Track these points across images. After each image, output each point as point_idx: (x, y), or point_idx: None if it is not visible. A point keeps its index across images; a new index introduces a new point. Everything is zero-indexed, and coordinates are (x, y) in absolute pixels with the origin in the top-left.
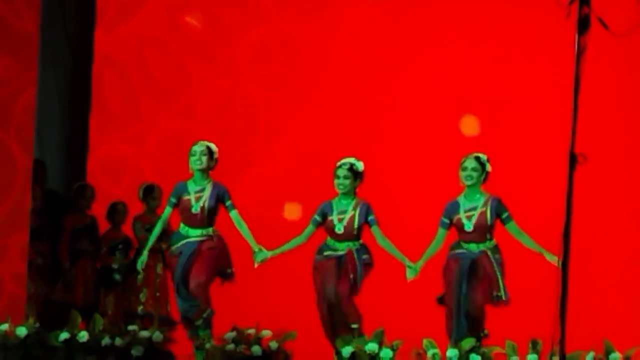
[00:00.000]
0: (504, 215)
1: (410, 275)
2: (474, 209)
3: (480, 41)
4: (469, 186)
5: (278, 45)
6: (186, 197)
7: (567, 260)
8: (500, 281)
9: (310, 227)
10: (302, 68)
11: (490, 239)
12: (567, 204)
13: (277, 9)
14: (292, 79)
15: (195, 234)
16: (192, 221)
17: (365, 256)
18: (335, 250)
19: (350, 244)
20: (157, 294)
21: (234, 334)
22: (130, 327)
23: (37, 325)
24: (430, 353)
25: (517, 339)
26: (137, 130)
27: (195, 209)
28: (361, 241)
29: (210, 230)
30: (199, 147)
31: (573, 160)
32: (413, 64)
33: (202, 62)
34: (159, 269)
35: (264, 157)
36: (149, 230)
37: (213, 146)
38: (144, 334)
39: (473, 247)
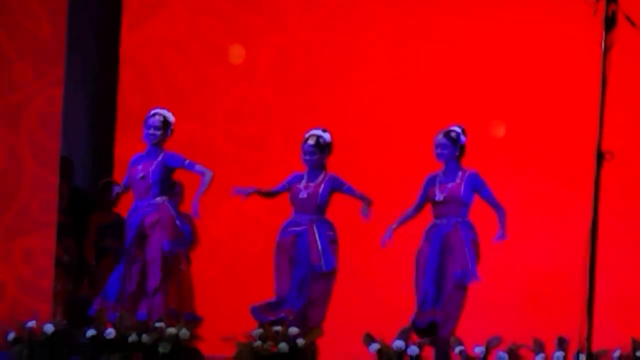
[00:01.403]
0: (481, 187)
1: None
2: (450, 181)
3: (507, 40)
4: (444, 162)
5: (297, 53)
6: (138, 167)
7: (595, 258)
8: (469, 259)
9: (279, 188)
10: (321, 77)
11: (465, 215)
12: (595, 201)
13: (297, 17)
14: (310, 88)
15: (142, 205)
16: (139, 193)
17: (330, 232)
18: (298, 225)
19: (313, 217)
20: (182, 291)
21: (260, 330)
22: (157, 324)
23: (64, 322)
24: (457, 350)
25: (544, 336)
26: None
27: (143, 178)
28: (325, 217)
29: (158, 199)
30: (152, 121)
31: (600, 157)
32: (435, 69)
33: (221, 66)
34: (183, 265)
35: (277, 164)
36: None
37: (169, 116)
38: (171, 330)
39: (444, 220)
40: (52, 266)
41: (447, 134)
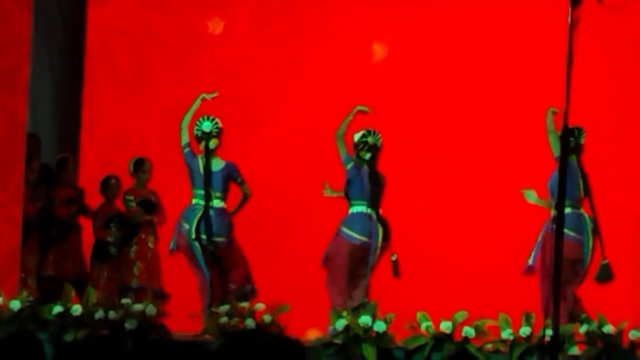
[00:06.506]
0: None
1: None
2: None
3: (474, 14)
4: None
5: (278, 5)
6: None
7: (561, 236)
8: None
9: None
10: (309, 30)
11: None
12: (561, 176)
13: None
14: (297, 41)
15: None
16: None
17: None
18: None
19: None
20: (150, 267)
21: (227, 307)
22: (124, 301)
23: (31, 298)
24: (424, 326)
25: (510, 312)
26: (145, 98)
27: None
28: None
29: None
30: None
31: (567, 133)
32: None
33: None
34: (151, 242)
35: (270, 119)
36: (140, 204)
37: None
38: (138, 307)
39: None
40: None
41: None
